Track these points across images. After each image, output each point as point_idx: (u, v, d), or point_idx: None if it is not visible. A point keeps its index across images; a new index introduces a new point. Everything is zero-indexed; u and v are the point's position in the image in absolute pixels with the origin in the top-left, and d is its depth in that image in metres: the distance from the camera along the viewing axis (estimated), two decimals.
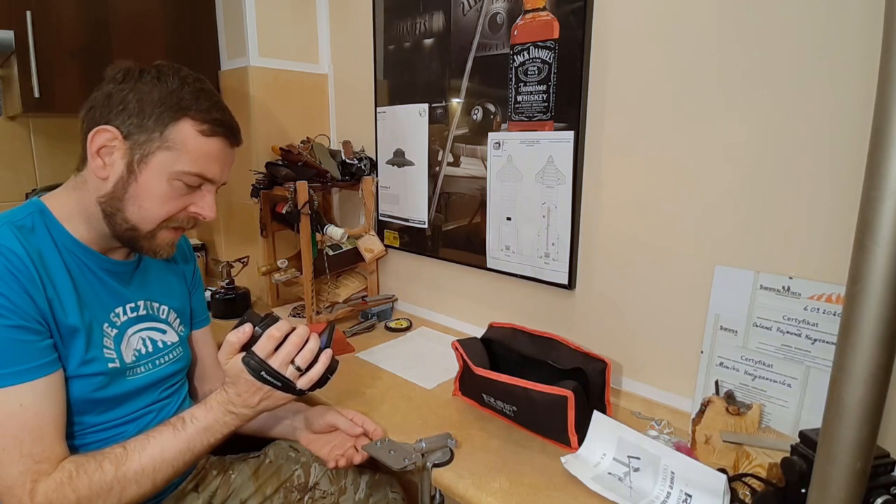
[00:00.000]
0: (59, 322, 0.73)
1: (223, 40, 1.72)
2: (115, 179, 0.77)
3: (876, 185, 0.41)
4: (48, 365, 0.71)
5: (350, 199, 1.80)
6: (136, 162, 0.76)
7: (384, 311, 1.60)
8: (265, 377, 0.78)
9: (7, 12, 1.29)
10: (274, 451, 1.07)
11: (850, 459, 0.44)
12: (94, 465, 0.71)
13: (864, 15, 0.77)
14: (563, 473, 0.86)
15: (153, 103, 0.75)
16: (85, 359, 0.76)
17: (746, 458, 0.81)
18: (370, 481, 1.06)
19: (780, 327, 0.89)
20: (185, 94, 0.77)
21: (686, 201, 0.99)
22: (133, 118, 0.75)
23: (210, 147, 0.79)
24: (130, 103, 0.75)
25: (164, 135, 0.76)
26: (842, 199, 0.82)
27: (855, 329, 0.43)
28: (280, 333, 0.79)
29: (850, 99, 0.80)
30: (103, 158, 0.76)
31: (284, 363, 0.79)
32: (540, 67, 1.16)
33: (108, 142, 0.75)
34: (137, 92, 0.76)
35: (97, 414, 0.79)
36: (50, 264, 0.75)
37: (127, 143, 0.76)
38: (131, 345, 0.85)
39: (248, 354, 0.78)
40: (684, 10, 0.95)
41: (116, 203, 0.77)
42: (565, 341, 1.11)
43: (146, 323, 0.89)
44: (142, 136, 0.75)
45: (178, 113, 0.76)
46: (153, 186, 0.77)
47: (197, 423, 0.78)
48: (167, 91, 0.76)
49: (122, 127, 0.75)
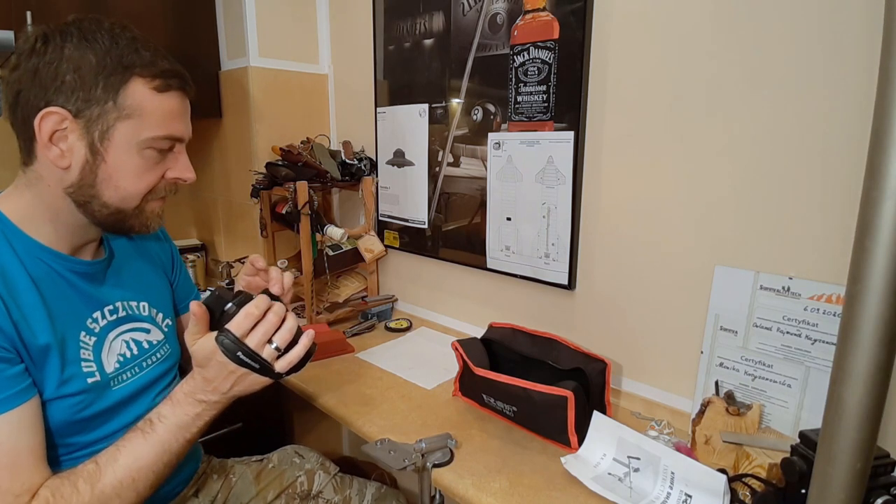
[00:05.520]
0: (28, 344, 0.67)
1: (223, 40, 1.72)
2: (80, 165, 0.68)
3: (876, 185, 0.41)
4: (21, 393, 0.65)
5: (350, 200, 1.80)
6: (98, 140, 0.68)
7: (384, 311, 1.60)
8: (241, 358, 0.70)
9: (7, 12, 1.29)
10: (278, 456, 1.06)
11: (850, 459, 0.44)
12: (69, 487, 0.65)
13: (864, 14, 0.77)
14: (563, 474, 0.86)
15: (92, 69, 0.66)
16: (62, 378, 0.70)
17: (746, 458, 0.81)
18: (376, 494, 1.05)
19: (780, 327, 0.89)
20: (123, 50, 0.68)
21: (686, 201, 0.99)
22: (77, 92, 0.66)
23: (169, 103, 0.71)
24: (66, 75, 0.65)
25: (119, 102, 0.67)
26: (842, 199, 0.82)
27: (855, 329, 0.43)
28: (259, 311, 0.71)
29: (850, 99, 0.80)
30: (58, 145, 0.67)
31: (261, 343, 0.71)
32: (540, 68, 1.16)
33: (58, 125, 0.66)
34: (69, 61, 0.65)
35: (87, 433, 0.74)
36: (12, 279, 0.67)
37: (79, 121, 0.67)
38: (114, 350, 0.79)
39: (221, 333, 0.70)
40: (684, 10, 0.95)
41: (88, 190, 0.70)
42: (565, 341, 1.11)
43: (128, 325, 0.82)
44: (94, 111, 0.67)
45: (124, 74, 0.67)
46: (124, 162, 0.70)
47: (166, 422, 0.72)
48: (102, 51, 0.67)
49: (68, 105, 0.66)
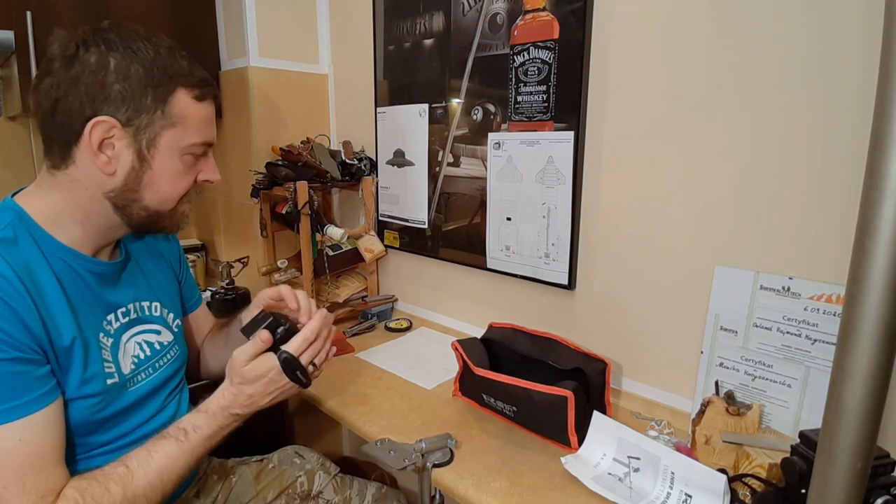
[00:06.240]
0: (55, 344, 0.68)
1: (223, 40, 1.72)
2: (126, 171, 0.71)
3: (876, 185, 0.41)
4: (47, 395, 0.66)
5: (350, 200, 1.80)
6: (145, 147, 0.71)
7: (384, 311, 1.60)
8: (298, 376, 0.80)
9: (7, 12, 1.29)
10: (278, 457, 1.06)
11: (850, 459, 0.44)
12: (99, 488, 0.67)
13: (864, 14, 0.77)
14: (563, 474, 0.86)
15: (141, 80, 0.69)
16: (84, 378, 0.71)
17: (746, 458, 0.81)
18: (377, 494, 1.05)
19: (780, 327, 0.89)
20: (166, 60, 0.71)
21: (686, 201, 0.99)
22: (128, 102, 0.68)
23: (206, 111, 0.76)
24: (114, 85, 0.67)
25: (166, 111, 0.71)
26: (842, 199, 0.82)
27: (855, 329, 0.43)
28: (314, 337, 0.82)
29: (850, 99, 0.80)
30: (105, 152, 0.70)
31: (308, 361, 0.82)
32: (540, 68, 1.16)
33: (107, 133, 0.69)
34: (117, 71, 0.68)
35: (101, 433, 0.76)
36: (39, 278, 0.68)
37: (127, 130, 0.70)
38: (128, 352, 0.80)
39: (283, 352, 0.80)
40: (684, 9, 0.95)
41: (131, 195, 0.73)
42: (565, 341, 1.11)
43: (140, 326, 0.83)
44: (143, 119, 0.70)
45: (170, 84, 0.71)
46: (167, 167, 0.73)
47: (200, 433, 0.77)
48: (148, 61, 0.69)
49: (118, 114, 0.68)
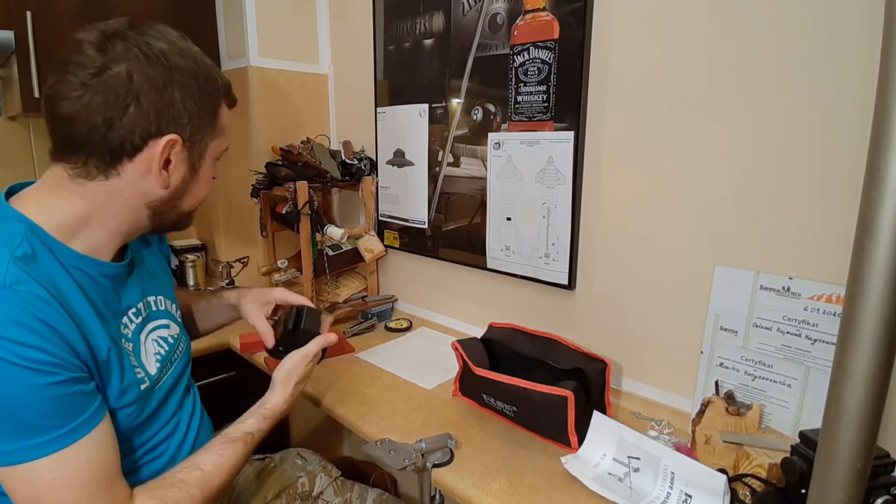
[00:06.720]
0: (98, 359, 0.67)
1: (223, 40, 1.72)
2: (177, 183, 0.72)
3: (876, 185, 0.41)
4: (98, 410, 0.65)
5: (350, 199, 1.80)
6: (196, 159, 0.73)
7: (384, 311, 1.60)
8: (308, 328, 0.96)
9: (7, 12, 1.29)
10: (281, 456, 1.06)
11: (850, 459, 0.44)
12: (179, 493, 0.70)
13: (864, 14, 0.77)
14: (563, 474, 0.86)
15: (198, 97, 0.69)
16: (122, 388, 0.70)
17: (746, 458, 0.81)
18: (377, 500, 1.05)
19: (780, 327, 0.89)
20: (209, 72, 0.72)
21: (686, 201, 0.99)
22: (193, 119, 0.69)
23: (231, 117, 0.78)
24: (180, 103, 0.67)
25: (216, 124, 0.73)
26: (842, 199, 0.82)
27: (855, 329, 0.43)
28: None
29: (850, 98, 0.80)
30: (167, 168, 0.70)
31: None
32: (540, 68, 1.16)
33: (172, 149, 0.69)
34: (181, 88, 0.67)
35: (138, 436, 0.76)
36: (66, 293, 0.65)
37: (187, 145, 0.70)
38: (149, 352, 0.79)
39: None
40: (684, 9, 0.95)
41: (173, 202, 0.74)
42: (565, 341, 1.11)
43: (151, 323, 0.82)
44: (199, 135, 0.71)
45: (217, 97, 0.73)
46: (207, 174, 0.76)
47: (260, 436, 0.83)
48: (194, 75, 0.69)
49: (183, 132, 0.69)
